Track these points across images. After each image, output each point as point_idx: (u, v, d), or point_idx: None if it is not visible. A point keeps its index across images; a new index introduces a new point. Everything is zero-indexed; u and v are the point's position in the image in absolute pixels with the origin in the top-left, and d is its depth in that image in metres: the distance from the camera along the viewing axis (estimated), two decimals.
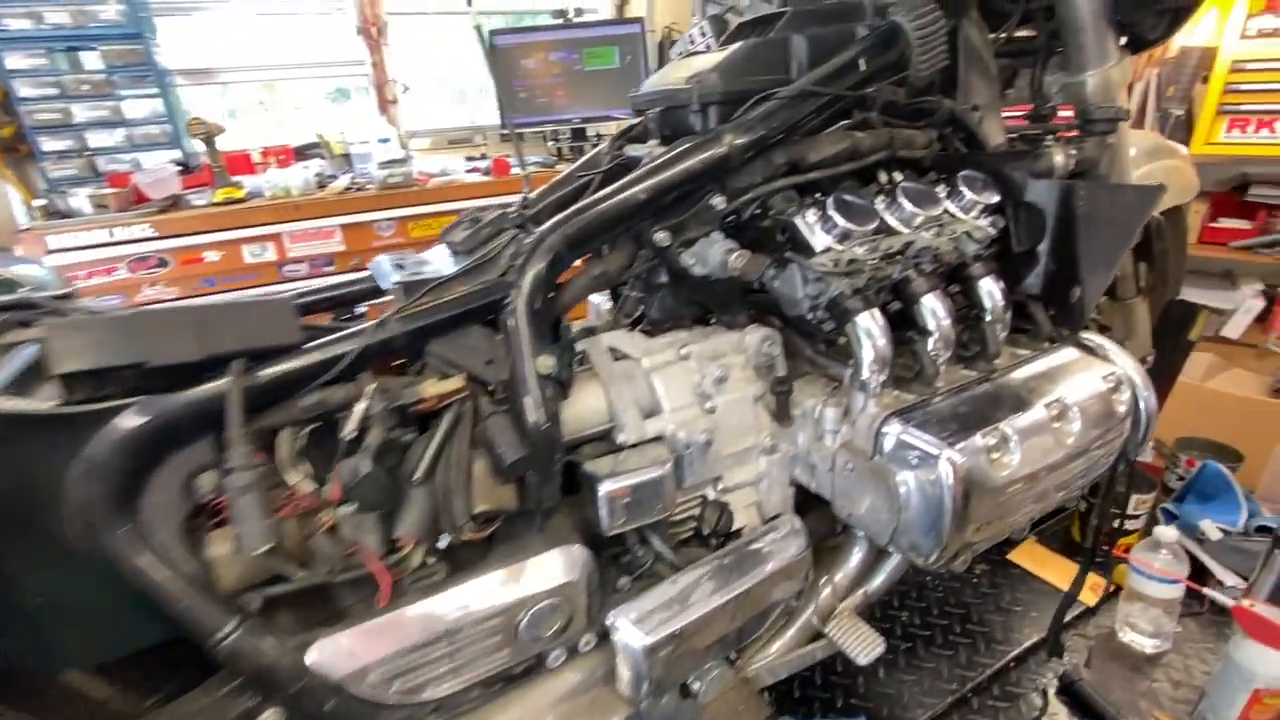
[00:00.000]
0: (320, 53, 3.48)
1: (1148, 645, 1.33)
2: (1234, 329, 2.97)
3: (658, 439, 0.86)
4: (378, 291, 0.92)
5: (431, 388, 0.70)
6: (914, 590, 1.54)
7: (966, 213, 0.93)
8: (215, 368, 0.63)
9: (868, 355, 0.84)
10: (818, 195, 0.90)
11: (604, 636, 0.83)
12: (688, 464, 0.85)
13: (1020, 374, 0.90)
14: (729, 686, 0.84)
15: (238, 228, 2.58)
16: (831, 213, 0.82)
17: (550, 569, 0.75)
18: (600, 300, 1.35)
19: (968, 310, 0.97)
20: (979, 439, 0.77)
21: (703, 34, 1.28)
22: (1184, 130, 2.80)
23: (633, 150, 1.00)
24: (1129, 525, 1.56)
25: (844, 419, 0.88)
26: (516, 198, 1.03)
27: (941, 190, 0.94)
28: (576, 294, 0.85)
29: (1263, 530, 1.44)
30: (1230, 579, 1.42)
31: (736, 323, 0.97)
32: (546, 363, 0.74)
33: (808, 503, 1.02)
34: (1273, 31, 2.44)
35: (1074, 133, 1.10)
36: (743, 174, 0.88)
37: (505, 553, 0.76)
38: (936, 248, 0.89)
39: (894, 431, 0.80)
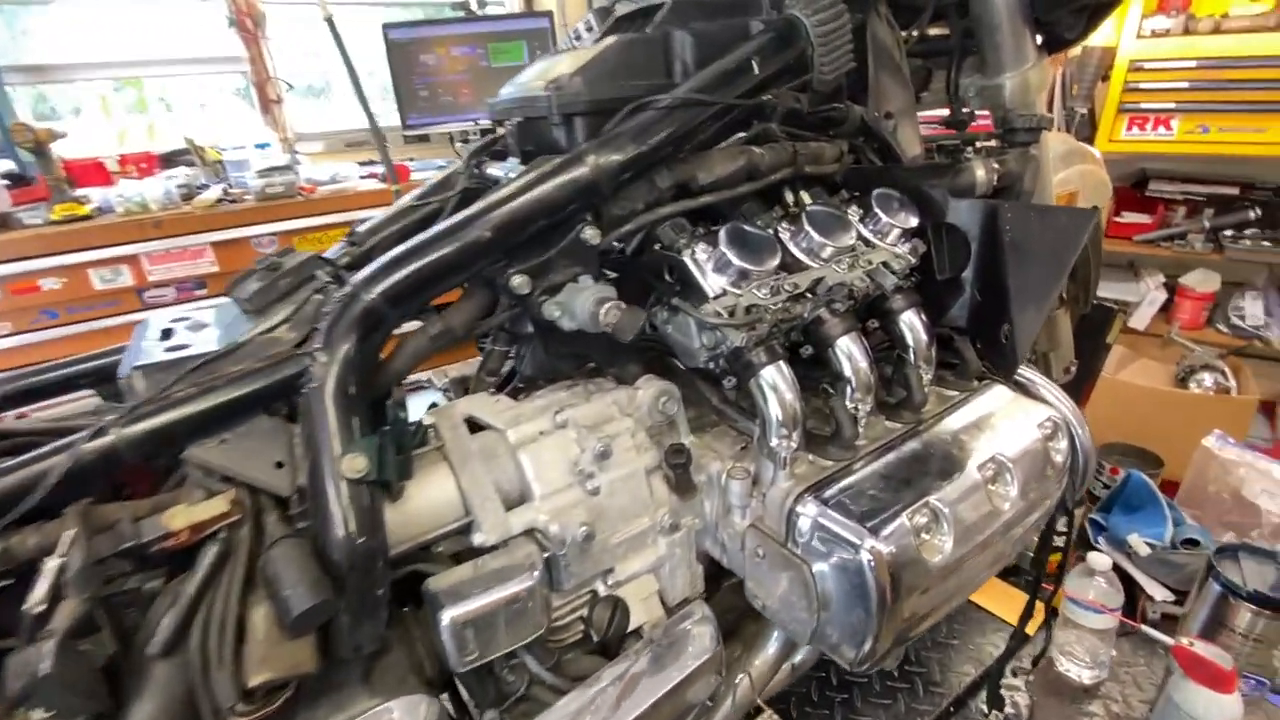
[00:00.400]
0: (192, 48, 3.10)
1: (1085, 676, 1.27)
2: (1139, 320, 3.06)
3: (529, 533, 0.69)
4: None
5: (181, 516, 0.50)
6: None
7: (883, 238, 0.81)
8: None
9: (775, 416, 0.70)
10: (712, 225, 0.75)
11: None
12: (564, 564, 0.69)
13: (949, 425, 0.78)
14: None
15: (83, 249, 2.22)
16: (725, 249, 0.67)
17: None
18: None
19: (888, 349, 0.85)
20: (906, 519, 0.64)
21: (589, 29, 1.11)
22: (1088, 128, 2.85)
23: (493, 169, 0.83)
24: (1057, 541, 1.51)
25: (754, 491, 0.73)
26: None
27: (854, 213, 0.81)
28: (409, 360, 0.67)
29: (1189, 543, 1.41)
30: (1160, 593, 1.39)
31: (627, 374, 0.81)
32: (357, 464, 0.56)
33: (720, 575, 0.88)
34: (1165, 32, 2.49)
35: (994, 142, 1.00)
36: (621, 200, 0.72)
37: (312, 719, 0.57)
38: (851, 283, 0.76)
39: (808, 513, 0.66)
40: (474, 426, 0.74)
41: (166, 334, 0.62)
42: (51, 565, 0.45)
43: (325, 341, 0.59)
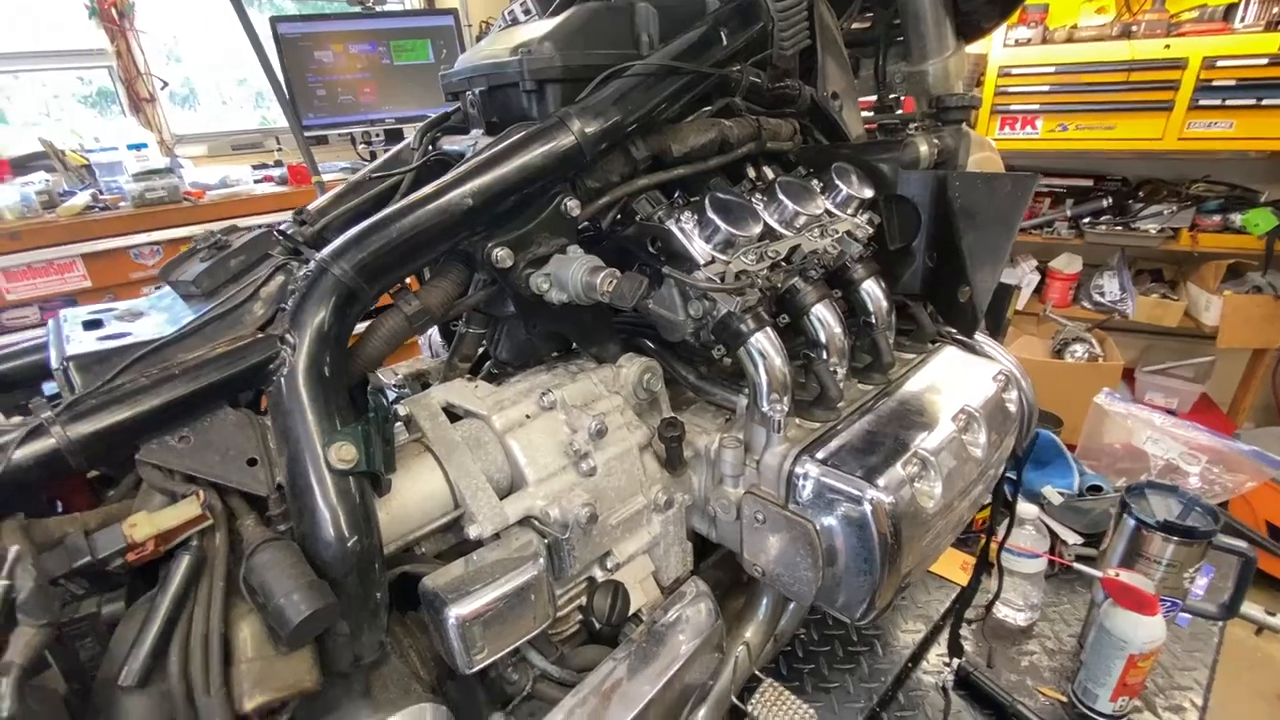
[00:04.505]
0: (49, 40, 2.73)
1: (1020, 619, 1.37)
2: (1019, 301, 3.39)
3: (524, 522, 0.65)
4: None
5: (144, 524, 0.43)
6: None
7: (844, 209, 0.84)
8: None
9: (766, 382, 0.70)
10: (682, 197, 0.75)
11: None
12: (567, 549, 0.66)
13: (916, 384, 0.82)
14: None
15: None
16: (711, 215, 0.67)
17: None
18: (435, 332, 1.10)
19: (851, 317, 0.88)
20: (900, 469, 0.66)
21: (526, 11, 1.08)
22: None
23: (450, 144, 0.78)
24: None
25: (746, 459, 0.73)
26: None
27: (815, 184, 0.84)
28: (386, 342, 0.61)
29: (1093, 490, 1.56)
30: (1073, 538, 1.53)
31: (606, 354, 0.79)
32: (346, 452, 0.50)
33: (703, 549, 0.87)
34: (1027, 41, 2.78)
35: (922, 123, 1.07)
36: (597, 171, 0.70)
37: None
38: (822, 251, 0.78)
39: (810, 472, 0.67)
40: (452, 416, 0.69)
41: (93, 325, 0.53)
42: None
43: (294, 321, 0.53)
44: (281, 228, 0.64)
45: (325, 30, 2.88)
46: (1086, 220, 3.11)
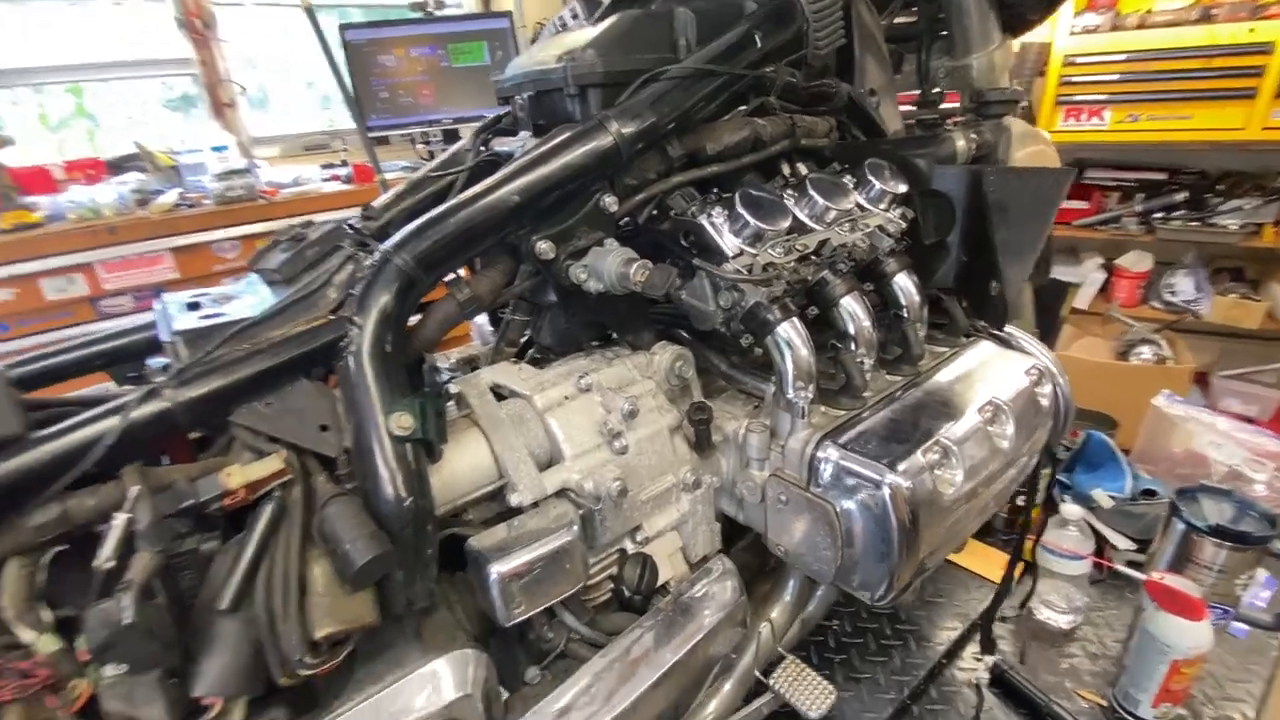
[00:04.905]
0: (140, 51, 2.98)
1: (1063, 621, 1.34)
2: (1082, 300, 3.25)
3: (561, 493, 0.71)
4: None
5: (238, 475, 0.50)
6: (842, 596, 1.49)
7: (876, 204, 0.86)
8: None
9: (791, 370, 0.73)
10: (716, 193, 0.79)
11: None
12: (600, 520, 0.71)
13: (945, 376, 0.83)
14: None
15: (33, 258, 2.12)
16: (741, 210, 0.71)
17: (434, 687, 0.58)
18: (484, 321, 1.17)
19: (883, 310, 0.90)
20: (920, 456, 0.69)
21: (574, 16, 1.13)
22: (1028, 120, 3.03)
23: (501, 145, 0.84)
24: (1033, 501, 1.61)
25: (771, 444, 0.77)
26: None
27: (848, 180, 0.86)
28: (440, 326, 0.68)
29: (1147, 494, 1.51)
30: (1124, 543, 1.49)
31: (641, 341, 0.84)
32: (404, 421, 0.57)
33: (732, 532, 0.91)
34: (1095, 28, 2.67)
35: (963, 117, 1.07)
36: (634, 169, 0.75)
37: (371, 675, 0.58)
38: (851, 245, 0.80)
39: (830, 457, 0.70)
40: (498, 395, 0.75)
41: (193, 306, 0.62)
42: (119, 521, 0.45)
43: (360, 306, 0.60)
44: (351, 222, 0.72)
45: (388, 36, 3.03)
46: (1158, 216, 2.96)
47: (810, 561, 0.74)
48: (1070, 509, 1.31)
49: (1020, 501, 1.16)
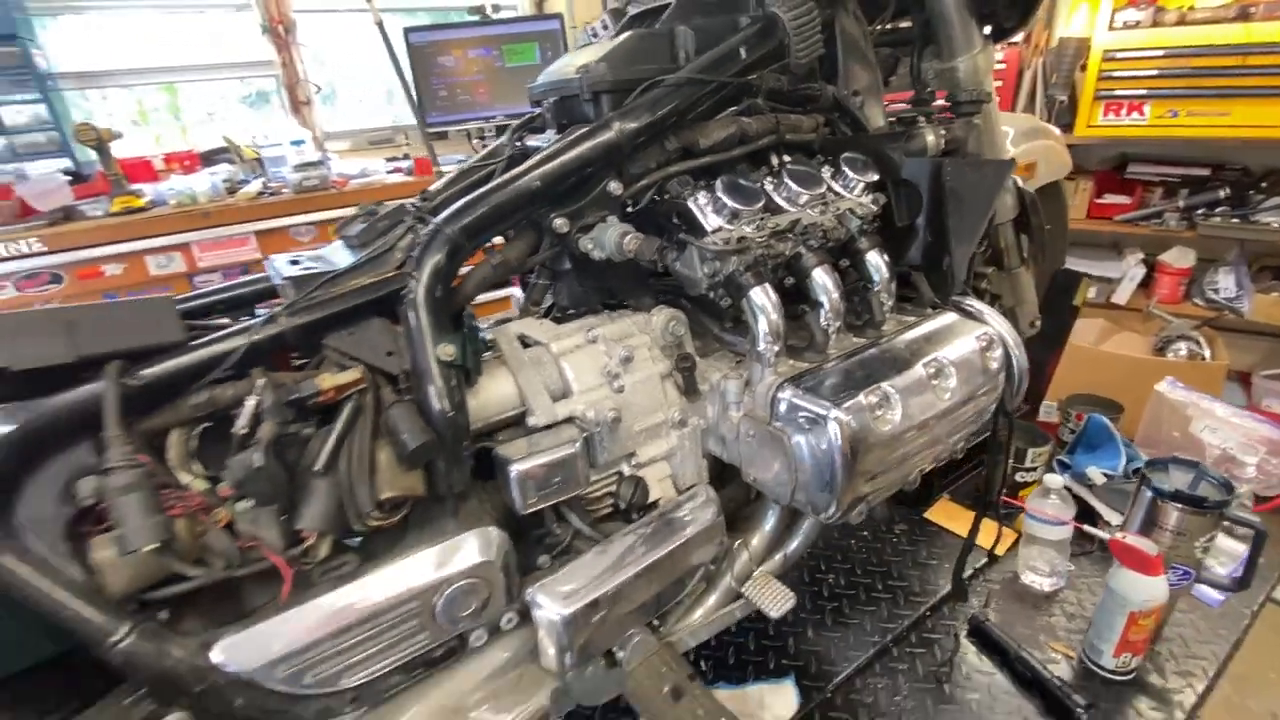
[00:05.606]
0: (226, 53, 3.32)
1: (1045, 584, 1.45)
2: (1121, 295, 3.23)
3: (569, 420, 0.88)
4: (275, 291, 0.91)
5: (329, 380, 0.70)
6: (839, 554, 1.62)
7: (850, 191, 1.00)
8: (91, 369, 0.61)
9: (762, 328, 0.89)
10: (707, 180, 0.94)
11: (525, 615, 0.85)
12: (599, 442, 0.88)
13: (903, 338, 0.97)
14: (652, 651, 0.88)
15: (140, 238, 2.45)
16: (720, 194, 0.87)
17: (465, 551, 0.77)
18: (521, 294, 1.36)
19: (858, 283, 1.04)
20: (862, 398, 0.83)
21: (604, 27, 1.31)
22: (1068, 114, 3.03)
23: (532, 140, 1.02)
24: (1028, 478, 1.70)
25: (745, 390, 0.93)
26: None
27: (826, 171, 1.00)
28: (478, 284, 0.87)
29: (1138, 472, 1.58)
30: (1115, 518, 1.57)
31: (643, 306, 1.00)
32: (448, 350, 0.75)
33: (725, 476, 1.07)
34: (1135, 24, 2.66)
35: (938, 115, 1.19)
36: (638, 160, 0.92)
37: (419, 539, 0.77)
38: (823, 224, 0.95)
39: (786, 396, 0.85)
40: (524, 343, 0.93)
41: (294, 262, 0.82)
42: (251, 402, 0.65)
43: (418, 264, 0.79)
44: (411, 202, 0.91)
45: (448, 38, 3.27)
46: (1200, 212, 2.92)
47: (772, 486, 0.90)
48: (1052, 478, 1.41)
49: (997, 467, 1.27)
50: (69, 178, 2.53)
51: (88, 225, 2.39)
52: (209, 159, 3.04)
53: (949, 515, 1.72)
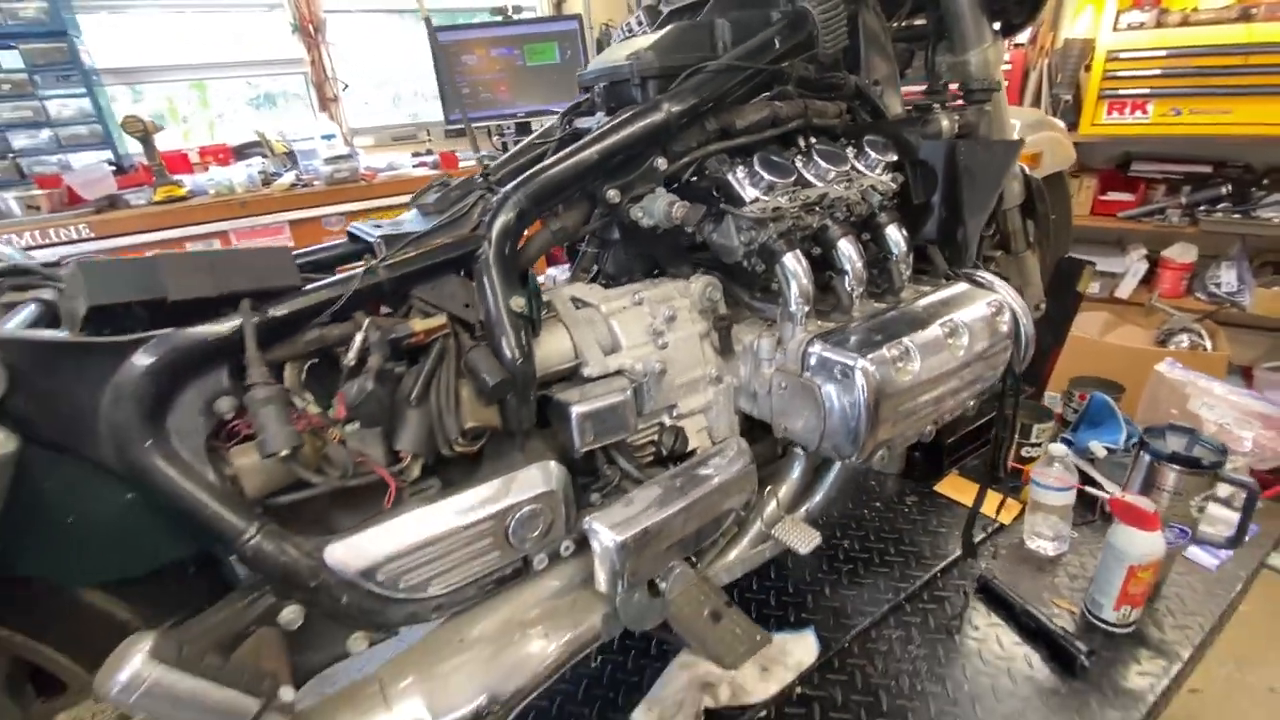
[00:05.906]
0: (247, 51, 3.44)
1: (1049, 549, 1.53)
2: (1124, 290, 3.31)
3: (618, 372, 0.98)
4: (352, 256, 1.01)
5: (420, 324, 0.80)
6: (854, 522, 1.71)
7: (872, 169, 1.09)
8: (225, 306, 0.71)
9: (794, 290, 0.98)
10: (743, 158, 1.04)
11: (580, 545, 0.94)
12: (645, 392, 0.98)
13: (920, 303, 1.06)
14: (691, 582, 0.97)
15: (181, 226, 2.56)
16: (758, 168, 0.96)
17: (532, 480, 0.86)
18: (558, 274, 1.46)
19: (878, 255, 1.13)
20: (886, 351, 0.93)
21: (639, 22, 1.41)
22: (1073, 113, 3.12)
23: (582, 123, 1.12)
24: (1034, 453, 1.79)
25: (777, 348, 1.02)
26: None
27: (850, 151, 1.10)
28: (540, 247, 0.96)
29: (1139, 443, 1.67)
30: (1116, 490, 1.65)
31: (682, 274, 1.10)
32: (519, 302, 0.85)
33: (754, 434, 1.16)
34: (1139, 25, 2.75)
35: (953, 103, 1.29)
36: (681, 139, 1.02)
37: (491, 470, 0.87)
38: (847, 198, 1.05)
39: (817, 350, 0.95)
40: (577, 304, 1.03)
41: (377, 227, 0.92)
42: (359, 337, 0.74)
43: (489, 228, 0.89)
44: (478, 175, 1.01)
45: (473, 37, 3.39)
46: (1203, 209, 3.00)
47: (802, 434, 0.99)
48: (1056, 447, 1.50)
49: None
50: (112, 168, 2.65)
51: (133, 213, 2.51)
52: (241, 153, 3.16)
53: (958, 489, 1.80)
